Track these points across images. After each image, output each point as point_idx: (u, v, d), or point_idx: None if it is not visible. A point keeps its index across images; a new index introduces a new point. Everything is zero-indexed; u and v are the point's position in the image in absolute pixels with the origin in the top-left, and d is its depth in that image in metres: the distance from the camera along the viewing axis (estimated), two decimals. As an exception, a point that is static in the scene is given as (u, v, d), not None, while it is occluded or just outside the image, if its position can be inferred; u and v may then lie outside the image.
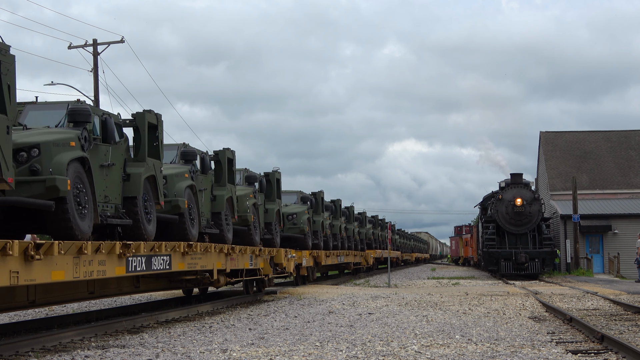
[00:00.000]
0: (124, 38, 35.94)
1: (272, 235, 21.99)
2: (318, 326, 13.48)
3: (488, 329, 12.96)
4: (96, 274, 11.33)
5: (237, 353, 10.12)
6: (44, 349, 10.57)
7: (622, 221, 43.99)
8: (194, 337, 12.04)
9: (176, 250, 14.30)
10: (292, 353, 10.10)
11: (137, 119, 13.74)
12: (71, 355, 10.00)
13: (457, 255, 79.49)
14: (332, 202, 32.33)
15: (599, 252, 44.39)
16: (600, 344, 10.79)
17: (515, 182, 38.66)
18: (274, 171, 22.85)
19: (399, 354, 9.93)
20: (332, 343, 11.08)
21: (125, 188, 12.92)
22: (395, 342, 11.17)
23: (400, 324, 13.80)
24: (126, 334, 12.55)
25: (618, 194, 48.22)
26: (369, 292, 23.37)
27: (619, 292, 23.24)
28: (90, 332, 12.10)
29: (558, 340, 11.39)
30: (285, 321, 14.47)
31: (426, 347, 10.55)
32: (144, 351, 10.35)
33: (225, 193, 17.73)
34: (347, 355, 9.79)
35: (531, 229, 37.72)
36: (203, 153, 17.27)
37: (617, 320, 14.50)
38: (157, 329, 13.36)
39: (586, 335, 11.91)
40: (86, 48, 35.60)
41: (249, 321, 14.57)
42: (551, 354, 9.86)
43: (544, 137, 53.04)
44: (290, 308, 17.45)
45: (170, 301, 19.23)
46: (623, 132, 53.18)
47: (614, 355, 9.77)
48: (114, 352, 10.24)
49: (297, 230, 25.23)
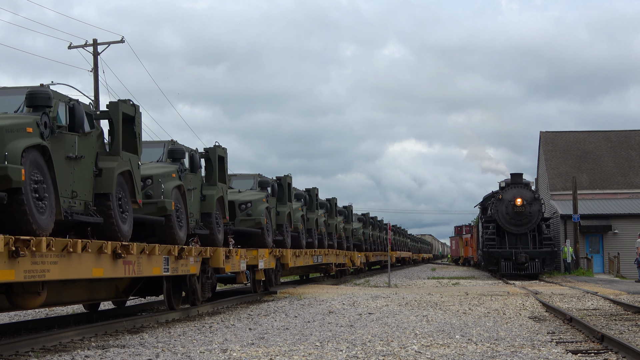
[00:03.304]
0: (124, 38, 35.95)
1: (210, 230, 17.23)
2: (318, 326, 13.48)
3: (488, 329, 12.96)
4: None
5: (237, 353, 10.12)
6: (44, 349, 10.57)
7: (622, 221, 44.00)
8: (194, 337, 12.04)
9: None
10: (292, 353, 10.09)
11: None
12: (71, 355, 9.99)
13: (457, 255, 79.51)
14: (306, 190, 27.72)
15: (599, 252, 44.40)
16: (600, 344, 10.79)
17: (516, 182, 38.66)
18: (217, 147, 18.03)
19: (399, 354, 9.93)
20: (332, 343, 11.08)
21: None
22: (395, 342, 11.17)
23: (400, 323, 13.80)
24: (126, 334, 12.55)
25: (618, 194, 48.23)
26: (369, 292, 23.37)
27: (619, 292, 23.23)
28: (90, 332, 12.10)
29: (558, 340, 11.39)
30: (286, 321, 14.47)
31: (426, 347, 10.55)
32: (144, 351, 10.35)
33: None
34: (347, 355, 9.79)
35: (531, 229, 37.72)
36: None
37: (617, 320, 14.50)
38: (157, 329, 13.36)
39: (586, 335, 11.90)
40: (86, 48, 35.59)
41: (249, 321, 14.57)
42: (551, 354, 9.86)
43: (544, 137, 53.04)
44: (290, 308, 17.45)
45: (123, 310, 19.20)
46: (623, 132, 53.19)
47: (614, 355, 9.77)
48: (114, 352, 10.24)
49: (251, 224, 20.10)
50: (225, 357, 9.77)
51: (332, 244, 31.20)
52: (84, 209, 11.46)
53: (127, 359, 9.71)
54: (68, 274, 10.76)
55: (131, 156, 12.85)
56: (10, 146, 9.54)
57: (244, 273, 18.91)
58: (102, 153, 12.27)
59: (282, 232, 22.92)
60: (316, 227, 27.92)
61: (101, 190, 11.85)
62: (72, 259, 10.73)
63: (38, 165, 10.05)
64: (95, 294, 14.25)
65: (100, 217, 11.75)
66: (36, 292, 10.77)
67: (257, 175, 22.21)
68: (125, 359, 9.71)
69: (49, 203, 10.22)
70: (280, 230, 22.87)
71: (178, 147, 15.66)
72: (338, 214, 33.44)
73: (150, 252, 13.28)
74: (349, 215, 36.94)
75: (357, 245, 39.11)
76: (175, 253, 14.34)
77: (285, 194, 23.11)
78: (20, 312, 16.86)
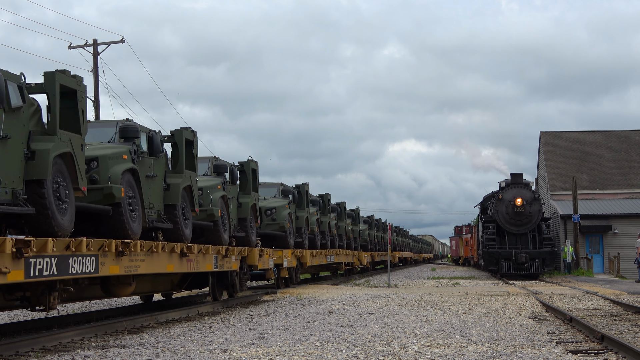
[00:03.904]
0: (124, 38, 35.95)
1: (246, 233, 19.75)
2: (318, 326, 13.48)
3: (488, 329, 12.96)
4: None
5: (237, 353, 10.12)
6: (44, 349, 10.57)
7: (622, 221, 44.00)
8: (194, 337, 12.04)
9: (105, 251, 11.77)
10: (292, 353, 10.09)
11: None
12: (71, 355, 10.00)
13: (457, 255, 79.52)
14: (320, 196, 30.34)
15: (599, 252, 44.40)
16: (600, 344, 10.79)
17: (516, 182, 38.67)
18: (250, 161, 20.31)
19: (399, 354, 9.93)
20: (332, 343, 11.08)
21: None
22: (395, 342, 11.17)
23: (400, 324, 13.80)
24: (126, 334, 12.55)
25: (618, 194, 48.23)
26: (369, 292, 23.37)
27: (619, 292, 23.24)
28: (90, 332, 12.10)
29: (558, 340, 11.39)
30: (286, 321, 14.47)
31: (426, 347, 10.55)
32: (144, 351, 10.35)
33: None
34: (347, 355, 9.79)
35: (531, 229, 37.72)
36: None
37: (617, 320, 14.50)
38: (157, 329, 13.36)
39: (586, 335, 11.90)
40: (86, 48, 35.60)
41: (249, 321, 14.57)
42: (551, 354, 9.86)
43: (544, 137, 53.04)
44: (290, 308, 17.45)
45: (170, 301, 19.23)
46: (623, 132, 53.19)
47: (614, 355, 9.77)
48: (114, 352, 10.24)
49: (276, 227, 22.97)
50: (225, 357, 9.77)
51: (342, 245, 34.05)
52: (157, 217, 14.06)
53: (127, 359, 9.71)
54: (151, 268, 13.59)
55: (191, 173, 15.46)
56: (113, 170, 12.18)
57: (272, 270, 22.12)
58: (168, 171, 14.77)
59: (301, 235, 25.82)
60: (328, 230, 30.58)
61: (169, 201, 14.50)
62: (154, 257, 13.61)
63: (130, 184, 12.69)
64: (157, 286, 17.21)
65: (170, 223, 14.33)
66: (128, 283, 13.60)
67: (280, 184, 25.40)
68: (125, 359, 9.71)
69: (138, 213, 12.89)
70: (299, 232, 25.74)
71: (221, 162, 18.16)
72: (347, 216, 36.35)
73: (205, 251, 16.13)
74: (356, 218, 39.72)
75: (364, 246, 41.86)
76: (223, 252, 17.26)
77: (304, 200, 26.24)
78: (20, 312, 16.87)
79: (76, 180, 11.06)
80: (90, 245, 11.09)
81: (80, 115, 11.36)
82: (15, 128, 9.92)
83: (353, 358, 9.60)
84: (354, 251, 37.11)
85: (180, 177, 14.99)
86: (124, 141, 13.30)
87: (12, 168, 9.87)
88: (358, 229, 39.53)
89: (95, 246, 11.31)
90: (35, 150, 10.15)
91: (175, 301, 19.44)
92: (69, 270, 10.68)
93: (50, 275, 10.31)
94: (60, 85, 10.91)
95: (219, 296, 18.37)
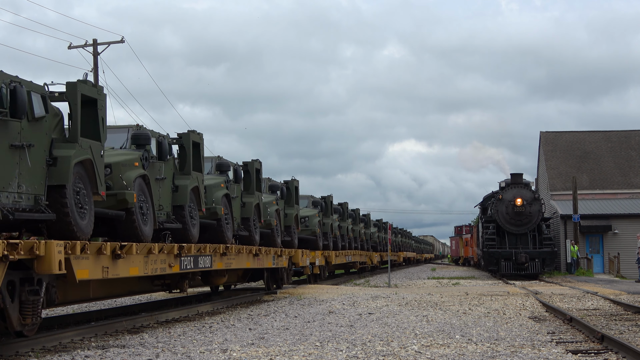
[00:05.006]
0: (124, 38, 35.93)
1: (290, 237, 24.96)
2: (318, 326, 13.48)
3: (488, 329, 12.96)
4: (159, 270, 13.71)
5: (237, 353, 10.12)
6: (44, 349, 10.57)
7: (622, 221, 43.99)
8: (194, 337, 12.04)
9: (216, 252, 16.71)
10: (292, 353, 10.09)
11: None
12: (71, 355, 10.00)
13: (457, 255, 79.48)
14: (339, 204, 35.41)
15: (599, 252, 44.39)
16: (600, 344, 10.79)
17: (516, 182, 38.64)
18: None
19: (399, 354, 9.93)
20: (332, 343, 11.08)
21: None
22: (395, 342, 11.17)
23: (400, 324, 13.80)
24: (126, 334, 12.55)
25: (618, 194, 48.23)
26: (369, 292, 23.36)
27: (619, 292, 23.24)
28: (90, 332, 12.10)
29: (558, 340, 11.39)
30: (286, 321, 14.47)
31: (426, 347, 10.55)
32: (144, 351, 10.35)
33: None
34: (347, 355, 9.79)
35: (531, 229, 37.69)
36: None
37: (617, 320, 14.50)
38: (157, 329, 13.36)
39: (586, 335, 11.90)
40: (86, 48, 35.56)
41: (249, 321, 14.57)
42: (551, 353, 9.86)
43: (544, 137, 53.03)
44: (290, 308, 17.45)
45: (170, 301, 19.23)
46: (623, 132, 53.18)
47: (614, 355, 9.77)
48: (114, 352, 10.24)
49: (309, 232, 28.08)
50: (225, 357, 9.77)
51: (357, 246, 39.08)
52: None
53: (127, 359, 9.71)
54: (238, 265, 18.38)
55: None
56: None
57: (308, 267, 27.16)
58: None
59: (327, 238, 30.66)
60: (347, 233, 35.94)
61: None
62: (239, 257, 18.26)
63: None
64: (232, 278, 20.97)
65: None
66: (223, 275, 18.76)
67: (310, 196, 30.57)
68: (126, 359, 9.71)
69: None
70: (325, 236, 30.44)
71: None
72: (360, 221, 41.80)
73: (267, 252, 20.60)
74: (368, 222, 45.22)
75: (374, 247, 46.52)
76: (279, 253, 22.05)
77: (329, 209, 31.42)
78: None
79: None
80: (209, 249, 15.95)
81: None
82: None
83: (353, 358, 9.60)
84: (366, 252, 42.34)
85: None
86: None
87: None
88: (369, 232, 44.93)
89: (210, 249, 16.11)
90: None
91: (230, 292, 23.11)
92: (199, 265, 15.58)
93: (191, 269, 15.22)
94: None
95: (271, 287, 23.08)
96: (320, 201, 30.34)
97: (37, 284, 10.24)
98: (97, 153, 11.61)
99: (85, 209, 11.21)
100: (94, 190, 11.48)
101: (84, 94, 11.44)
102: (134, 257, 12.54)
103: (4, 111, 9.71)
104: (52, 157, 10.58)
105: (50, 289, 10.73)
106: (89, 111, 11.66)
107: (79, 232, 10.90)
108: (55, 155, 10.60)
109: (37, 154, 10.31)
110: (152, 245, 13.22)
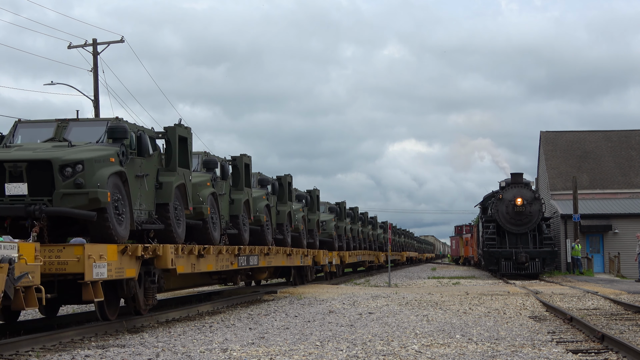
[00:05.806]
0: (124, 38, 35.91)
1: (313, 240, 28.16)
2: (318, 326, 13.48)
3: (488, 328, 12.95)
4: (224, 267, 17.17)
5: (237, 352, 10.12)
6: (44, 348, 10.57)
7: (623, 221, 43.99)
8: (194, 336, 12.03)
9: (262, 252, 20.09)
10: (292, 352, 10.09)
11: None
12: (71, 355, 9.99)
13: (457, 254, 79.50)
14: (351, 209, 38.52)
15: (599, 252, 44.39)
16: (600, 343, 10.78)
17: (516, 181, 38.63)
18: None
19: (400, 353, 9.92)
20: (333, 342, 11.07)
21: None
22: (395, 341, 11.16)
23: (400, 323, 13.79)
24: (126, 333, 12.54)
25: (618, 193, 48.21)
26: (369, 292, 23.36)
27: (620, 292, 23.23)
28: (90, 331, 12.10)
29: (558, 339, 11.38)
30: (286, 321, 14.47)
31: (427, 347, 10.55)
32: (144, 351, 10.34)
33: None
34: (347, 355, 9.79)
35: (531, 229, 37.68)
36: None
37: (617, 320, 14.50)
38: (157, 328, 13.35)
39: (587, 334, 11.90)
40: (86, 48, 35.52)
41: (249, 321, 14.57)
42: (552, 353, 9.85)
43: (544, 137, 53.02)
44: (290, 308, 17.45)
45: (170, 301, 19.23)
46: (623, 131, 53.15)
47: (615, 355, 9.76)
48: (114, 351, 10.23)
49: (326, 235, 31.40)
50: (225, 357, 9.76)
51: (366, 247, 42.88)
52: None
53: (127, 358, 9.70)
54: (276, 263, 21.97)
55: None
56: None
57: (326, 265, 30.70)
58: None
59: (342, 240, 34.32)
60: (358, 235, 39.42)
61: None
62: (277, 256, 21.92)
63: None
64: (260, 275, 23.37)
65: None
66: (264, 272, 22.48)
67: (327, 203, 33.99)
68: (126, 358, 9.70)
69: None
70: (340, 238, 33.98)
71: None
72: (368, 223, 45.33)
73: (296, 253, 24.52)
74: (375, 224, 48.77)
75: (380, 247, 49.60)
76: (305, 253, 25.81)
77: (343, 213, 34.80)
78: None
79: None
80: (257, 250, 19.59)
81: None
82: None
83: (353, 357, 9.59)
84: (374, 252, 46.32)
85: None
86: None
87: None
88: (376, 233, 48.36)
89: (257, 250, 19.68)
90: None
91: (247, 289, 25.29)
92: (250, 262, 18.95)
93: (244, 266, 18.69)
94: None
95: (297, 283, 26.72)
96: (336, 207, 34.23)
97: (153, 276, 13.83)
98: (187, 178, 14.97)
99: (180, 220, 14.60)
100: (185, 206, 14.84)
101: (180, 135, 14.68)
102: (210, 256, 16.15)
103: (133, 152, 13.12)
104: (159, 182, 14.08)
105: (160, 280, 14.19)
106: (182, 146, 14.83)
107: (177, 237, 14.34)
108: (161, 181, 14.11)
109: (150, 180, 13.76)
110: (222, 247, 16.88)
